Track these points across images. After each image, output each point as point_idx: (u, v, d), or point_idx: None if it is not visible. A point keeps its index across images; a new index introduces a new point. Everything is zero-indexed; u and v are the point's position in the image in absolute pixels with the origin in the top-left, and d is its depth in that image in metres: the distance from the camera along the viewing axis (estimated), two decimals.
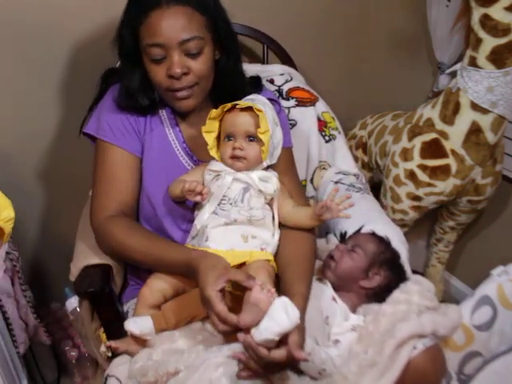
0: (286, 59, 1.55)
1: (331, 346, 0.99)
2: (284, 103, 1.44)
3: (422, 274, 1.82)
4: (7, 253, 1.21)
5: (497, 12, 1.20)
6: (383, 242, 1.12)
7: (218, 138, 1.08)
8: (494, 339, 1.09)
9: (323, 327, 1.01)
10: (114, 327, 1.04)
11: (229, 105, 1.04)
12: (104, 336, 1.06)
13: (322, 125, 1.47)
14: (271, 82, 1.47)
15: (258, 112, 1.01)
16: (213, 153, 1.08)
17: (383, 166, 1.61)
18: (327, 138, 1.47)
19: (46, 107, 1.44)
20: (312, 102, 1.47)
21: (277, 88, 1.46)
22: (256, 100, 1.06)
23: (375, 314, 1.03)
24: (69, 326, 1.61)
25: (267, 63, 1.54)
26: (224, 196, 1.04)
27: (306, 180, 1.46)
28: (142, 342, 1.00)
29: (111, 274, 1.10)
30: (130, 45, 1.05)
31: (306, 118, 1.45)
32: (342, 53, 1.82)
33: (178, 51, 1.01)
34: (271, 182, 1.07)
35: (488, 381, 1.05)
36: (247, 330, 0.84)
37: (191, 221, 1.10)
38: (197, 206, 1.09)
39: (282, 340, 0.85)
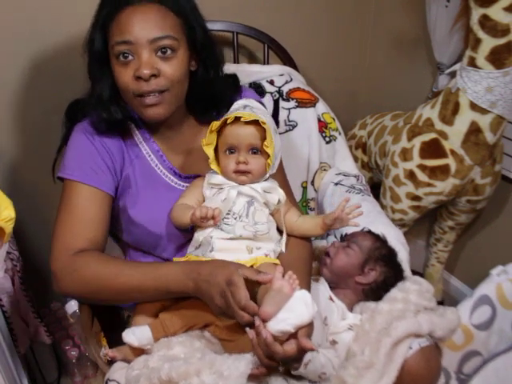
0: (286, 59, 1.54)
1: (329, 348, 0.99)
2: (284, 104, 1.45)
3: (422, 274, 1.83)
4: (8, 253, 1.21)
5: (496, 12, 1.20)
6: (379, 239, 1.12)
7: (215, 149, 1.04)
8: (493, 338, 1.10)
9: (323, 328, 1.00)
10: (115, 332, 1.02)
11: (232, 117, 0.98)
12: (105, 341, 1.05)
13: (323, 126, 1.47)
14: (271, 82, 1.47)
15: (263, 125, 0.97)
16: (213, 166, 1.03)
17: (383, 166, 1.61)
18: (328, 139, 1.47)
19: (47, 107, 1.44)
20: (312, 103, 1.47)
21: (277, 89, 1.46)
22: (253, 107, 1.02)
23: (371, 312, 1.02)
24: (69, 325, 1.61)
25: (268, 63, 1.53)
26: (228, 211, 1.00)
27: (306, 182, 1.46)
28: (139, 350, 0.98)
29: None
30: (99, 48, 0.98)
31: (307, 119, 1.45)
32: (342, 53, 1.82)
33: (147, 50, 0.94)
34: (275, 192, 1.04)
35: (487, 380, 1.06)
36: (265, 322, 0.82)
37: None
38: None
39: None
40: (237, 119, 0.98)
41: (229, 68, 1.41)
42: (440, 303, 1.79)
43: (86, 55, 1.00)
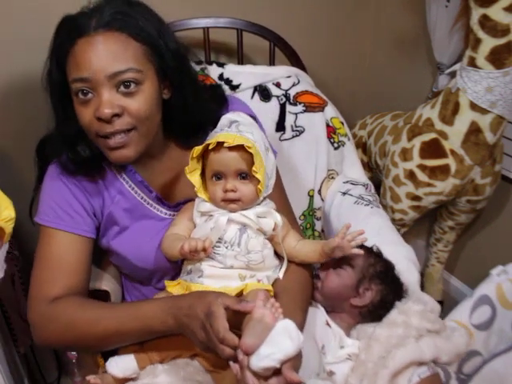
0: (293, 59, 1.49)
1: (326, 379, 0.92)
2: (291, 108, 1.39)
3: (422, 274, 1.83)
4: (8, 253, 1.21)
5: (496, 12, 1.20)
6: (372, 254, 1.03)
7: (202, 173, 0.95)
8: (493, 338, 1.09)
9: (320, 358, 0.93)
10: (113, 353, 0.97)
11: (213, 142, 0.88)
12: (102, 362, 1.02)
13: (331, 131, 1.40)
14: (277, 85, 1.40)
15: (249, 149, 0.87)
16: (201, 194, 0.95)
17: (383, 166, 1.61)
18: (336, 144, 1.41)
19: (48, 107, 1.44)
20: (321, 107, 1.40)
21: (283, 92, 1.40)
22: (241, 123, 0.92)
23: (368, 340, 0.94)
24: None
25: (273, 62, 1.49)
26: (219, 239, 0.91)
27: (313, 190, 1.40)
28: (124, 378, 0.94)
29: (109, 300, 1.07)
30: (58, 82, 0.88)
31: (315, 124, 1.39)
32: (342, 53, 1.82)
33: (107, 87, 0.84)
34: (270, 217, 0.95)
35: (487, 380, 1.05)
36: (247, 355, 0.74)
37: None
38: None
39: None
40: (220, 143, 0.88)
41: (232, 70, 1.40)
42: (440, 303, 1.79)
43: (47, 88, 0.92)
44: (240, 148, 0.88)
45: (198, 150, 0.90)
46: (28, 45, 1.34)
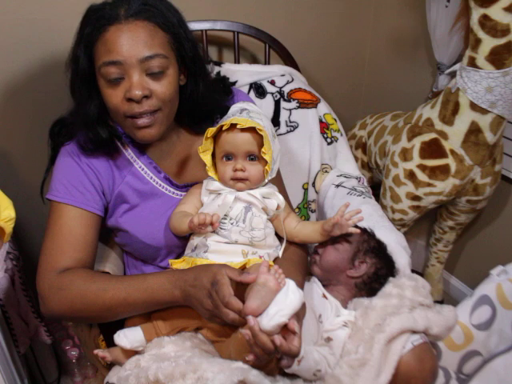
0: (287, 59, 1.53)
1: (324, 345, 0.97)
2: (285, 105, 1.44)
3: (422, 274, 1.84)
4: (8, 252, 1.21)
5: (496, 12, 1.20)
6: (366, 232, 1.11)
7: (213, 154, 1.03)
8: (493, 338, 1.09)
9: (318, 327, 0.99)
10: (113, 335, 1.00)
11: (227, 124, 0.97)
12: (104, 344, 1.05)
13: (324, 127, 1.45)
14: (272, 83, 1.45)
15: (260, 132, 0.96)
16: (211, 173, 1.02)
17: (383, 166, 1.61)
18: (329, 140, 1.46)
19: (47, 106, 1.44)
20: (314, 104, 1.45)
21: (278, 89, 1.45)
22: (251, 111, 1.00)
23: (365, 309, 1.00)
24: (69, 325, 1.61)
25: (269, 63, 1.52)
26: (225, 215, 0.98)
27: (307, 183, 1.45)
28: (131, 351, 0.97)
29: None
30: (84, 67, 0.93)
31: (308, 119, 1.44)
32: (342, 53, 1.82)
33: (138, 70, 0.91)
34: (274, 198, 1.03)
35: (487, 380, 1.05)
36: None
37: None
38: None
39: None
40: (233, 125, 0.96)
41: (229, 68, 1.43)
42: (440, 303, 1.79)
43: (68, 73, 0.97)
44: (251, 131, 0.96)
45: (212, 130, 0.98)
46: (27, 44, 1.34)
